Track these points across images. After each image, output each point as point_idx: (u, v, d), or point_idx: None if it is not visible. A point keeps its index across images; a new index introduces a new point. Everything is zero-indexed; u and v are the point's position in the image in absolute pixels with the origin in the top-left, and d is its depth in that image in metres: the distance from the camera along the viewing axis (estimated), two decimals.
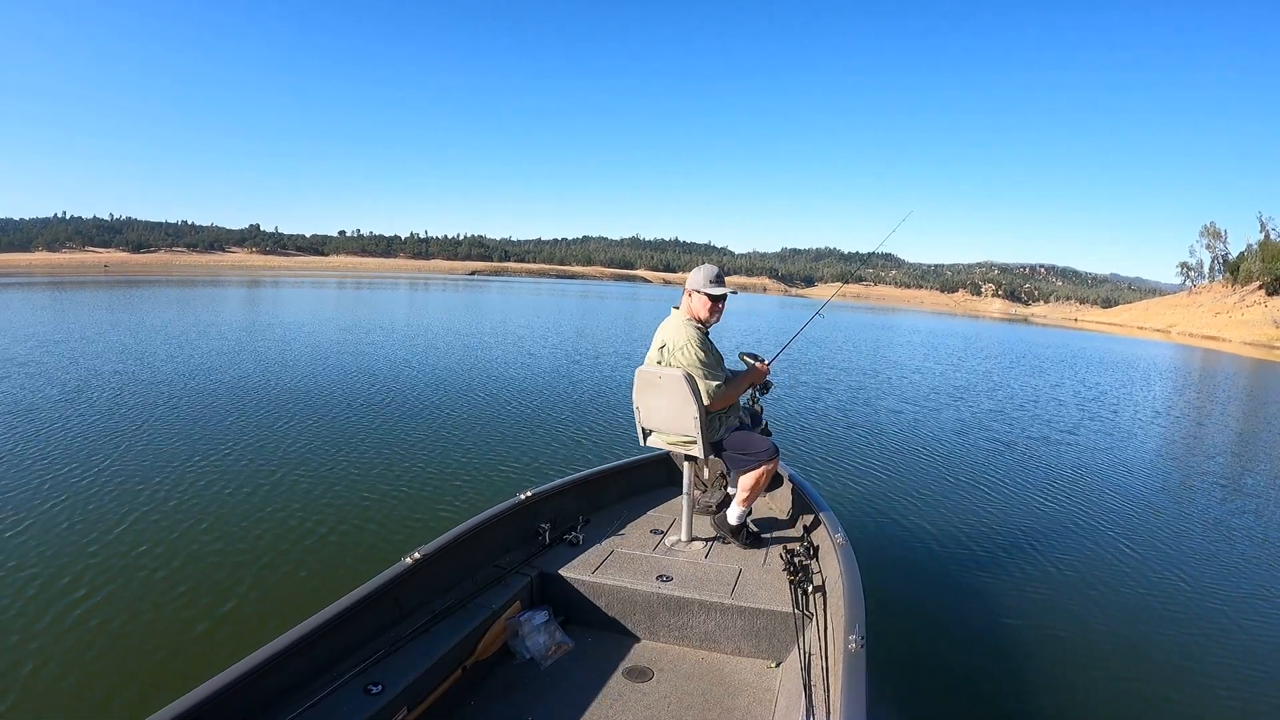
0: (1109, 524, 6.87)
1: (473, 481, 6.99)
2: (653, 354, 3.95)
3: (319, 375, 12.82)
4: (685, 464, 4.04)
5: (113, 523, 5.56)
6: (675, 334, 3.86)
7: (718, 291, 3.86)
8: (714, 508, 4.27)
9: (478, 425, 9.45)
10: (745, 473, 3.95)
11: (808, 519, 4.32)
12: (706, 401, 3.78)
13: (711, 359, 3.83)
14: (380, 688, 2.54)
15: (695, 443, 3.82)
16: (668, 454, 4.74)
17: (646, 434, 4.11)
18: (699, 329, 3.88)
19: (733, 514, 4.04)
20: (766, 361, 4.20)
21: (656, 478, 4.92)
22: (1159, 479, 8.98)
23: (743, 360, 4.45)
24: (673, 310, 4.02)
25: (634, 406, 4.05)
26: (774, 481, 4.55)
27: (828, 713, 2.38)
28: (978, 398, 15.04)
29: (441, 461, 7.59)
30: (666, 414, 3.88)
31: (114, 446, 7.60)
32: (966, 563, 5.66)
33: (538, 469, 7.52)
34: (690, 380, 3.70)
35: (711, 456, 3.93)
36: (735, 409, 4.07)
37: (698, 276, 3.91)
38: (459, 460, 7.69)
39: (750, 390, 4.42)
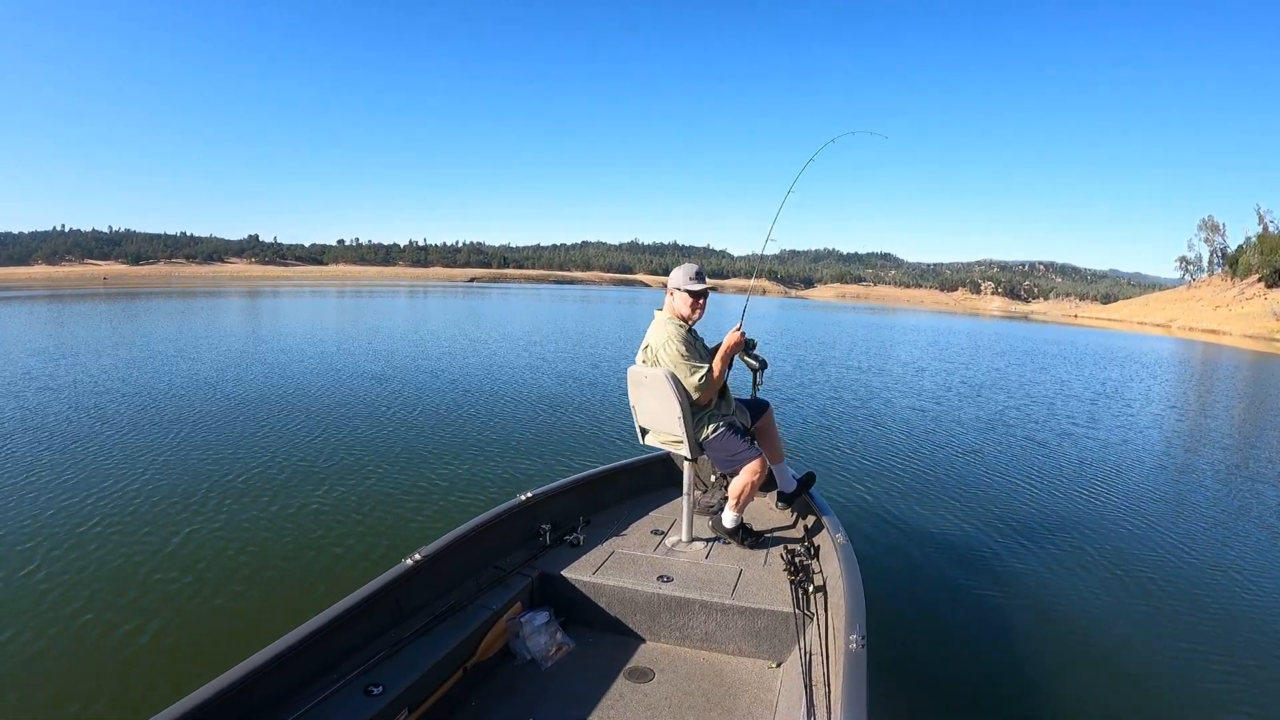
0: (1112, 522, 6.86)
1: (473, 482, 7.00)
2: (640, 355, 4.01)
3: (320, 381, 12.84)
4: (685, 464, 4.05)
5: (114, 525, 5.59)
6: (657, 333, 3.91)
7: (698, 287, 3.91)
8: (714, 508, 4.28)
9: (478, 427, 9.47)
10: (734, 479, 3.97)
11: (808, 519, 4.33)
12: (695, 395, 3.81)
13: (692, 352, 3.86)
14: (381, 689, 2.55)
15: (682, 442, 3.84)
16: (668, 454, 4.75)
17: (644, 432, 4.15)
18: (680, 326, 3.93)
19: (726, 517, 4.04)
20: (738, 328, 4.08)
21: (657, 478, 4.93)
22: (1163, 476, 8.96)
23: (743, 360, 4.46)
24: (656, 313, 4.06)
25: (631, 405, 4.11)
26: (772, 482, 4.55)
27: (829, 713, 2.39)
28: (980, 396, 15.03)
29: (442, 463, 7.61)
30: (656, 413, 3.92)
31: (117, 451, 7.63)
32: (968, 562, 5.65)
33: (538, 470, 7.53)
34: (673, 379, 3.73)
35: (695, 458, 3.94)
36: (724, 407, 4.06)
37: (678, 275, 3.96)
38: (459, 461, 7.70)
39: (753, 378, 4.48)
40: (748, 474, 3.89)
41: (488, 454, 8.07)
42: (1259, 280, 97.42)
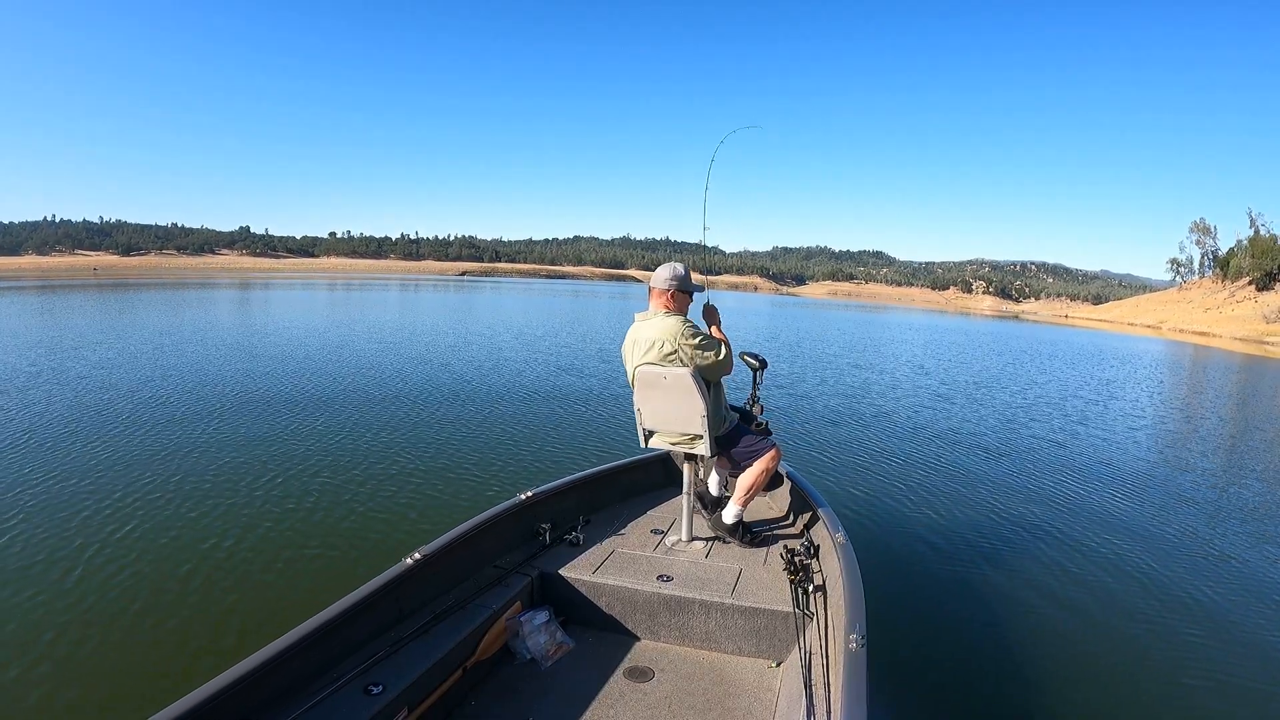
0: (1111, 522, 6.88)
1: (473, 482, 6.97)
2: (647, 355, 3.81)
3: (317, 377, 12.76)
4: (685, 464, 4.03)
5: (114, 524, 5.53)
6: (664, 329, 3.77)
7: (693, 286, 3.96)
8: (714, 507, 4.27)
9: (478, 425, 9.43)
10: (746, 471, 3.97)
11: (808, 518, 4.31)
12: (722, 370, 3.81)
13: (702, 332, 3.86)
14: (381, 688, 2.54)
15: (702, 438, 3.79)
16: (668, 454, 4.73)
17: (649, 435, 4.03)
18: (681, 316, 3.87)
19: (729, 513, 4.03)
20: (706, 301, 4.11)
21: (656, 478, 4.91)
22: (1162, 476, 8.99)
23: (742, 359, 4.46)
24: (637, 317, 3.95)
25: (635, 409, 3.98)
26: (774, 480, 4.54)
27: (828, 712, 2.38)
28: (978, 395, 15.10)
29: (442, 462, 7.57)
30: (672, 414, 3.83)
31: (116, 449, 7.58)
32: (968, 561, 5.66)
33: (538, 469, 7.51)
34: (697, 378, 3.67)
35: (714, 455, 3.90)
36: (726, 402, 4.07)
37: (679, 275, 3.90)
38: (459, 461, 7.67)
39: (752, 389, 4.54)
40: (764, 463, 3.93)
41: (487, 453, 8.03)
42: (1250, 283, 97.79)
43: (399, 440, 8.43)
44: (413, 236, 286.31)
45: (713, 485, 4.39)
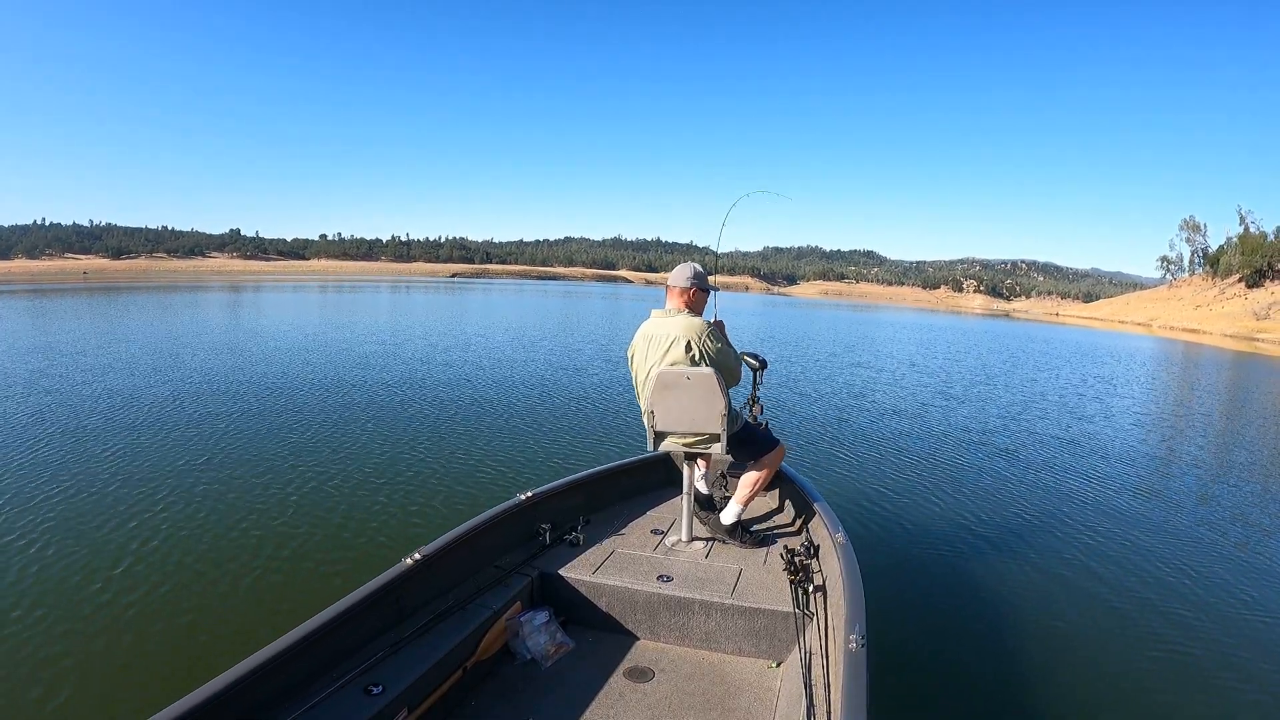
0: (1113, 520, 6.90)
1: (473, 482, 6.98)
2: (669, 352, 3.75)
3: (316, 378, 12.74)
4: (685, 464, 4.02)
5: (113, 525, 5.53)
6: (690, 326, 3.77)
7: (710, 286, 4.02)
8: (717, 506, 4.27)
9: (478, 426, 9.43)
10: (751, 469, 3.99)
11: (808, 518, 4.31)
12: (736, 380, 3.85)
13: (723, 338, 3.90)
14: (381, 688, 2.54)
15: (719, 439, 3.77)
16: (668, 454, 4.71)
17: (660, 438, 3.90)
18: (700, 316, 3.91)
19: (729, 512, 4.04)
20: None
21: (656, 478, 4.91)
22: (1162, 475, 9.03)
23: (743, 359, 4.47)
24: (654, 314, 3.93)
25: (647, 411, 3.84)
26: (773, 480, 4.54)
27: (828, 712, 2.38)
28: (976, 394, 15.14)
29: (442, 462, 7.57)
30: (691, 414, 3.75)
31: (116, 449, 7.57)
32: (968, 561, 5.66)
33: (538, 469, 7.52)
34: (720, 377, 3.66)
35: (717, 455, 3.88)
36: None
37: (699, 274, 3.94)
38: (459, 461, 7.67)
39: (752, 391, 4.61)
40: (772, 459, 3.98)
41: (487, 453, 8.04)
42: (1239, 280, 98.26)
43: (399, 441, 8.42)
44: (403, 238, 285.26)
45: (701, 485, 4.38)
